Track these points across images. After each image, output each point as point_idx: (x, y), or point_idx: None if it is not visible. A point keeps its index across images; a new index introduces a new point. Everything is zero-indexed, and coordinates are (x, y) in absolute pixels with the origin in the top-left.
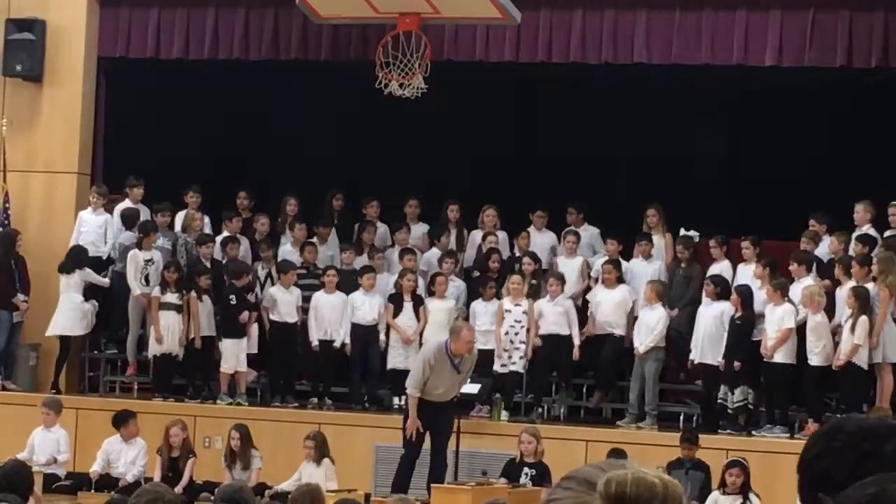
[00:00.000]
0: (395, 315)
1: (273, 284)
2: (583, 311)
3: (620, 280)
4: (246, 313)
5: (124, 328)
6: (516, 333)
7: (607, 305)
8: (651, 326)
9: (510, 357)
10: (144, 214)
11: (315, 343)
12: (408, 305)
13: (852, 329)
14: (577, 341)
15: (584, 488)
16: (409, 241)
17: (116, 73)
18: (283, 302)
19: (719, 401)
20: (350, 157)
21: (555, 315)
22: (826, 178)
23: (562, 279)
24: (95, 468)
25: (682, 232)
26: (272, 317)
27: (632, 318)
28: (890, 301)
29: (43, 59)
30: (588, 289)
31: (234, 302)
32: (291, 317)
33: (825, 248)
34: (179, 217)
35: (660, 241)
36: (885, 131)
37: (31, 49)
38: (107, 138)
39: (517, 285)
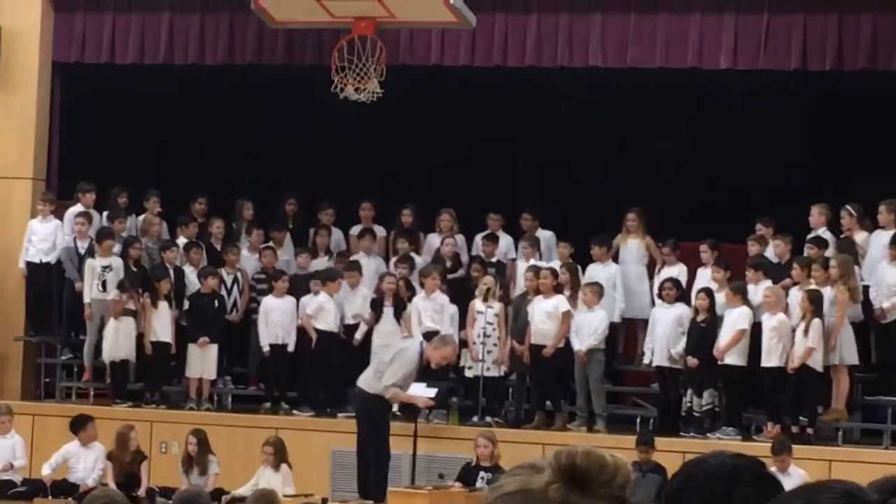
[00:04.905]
0: (377, 320)
1: (239, 290)
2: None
3: (559, 289)
4: (204, 339)
5: (76, 333)
6: (487, 336)
7: (538, 314)
8: (593, 328)
9: (484, 363)
10: (97, 220)
11: (266, 349)
12: (388, 311)
13: (805, 332)
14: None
15: (530, 471)
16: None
17: (71, 78)
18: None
19: (685, 404)
20: (305, 162)
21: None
22: (779, 180)
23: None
24: (47, 470)
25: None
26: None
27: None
28: (848, 304)
29: None
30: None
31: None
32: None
33: (772, 250)
34: (141, 221)
35: (640, 244)
36: (838, 135)
37: None
38: (62, 143)
39: (488, 286)
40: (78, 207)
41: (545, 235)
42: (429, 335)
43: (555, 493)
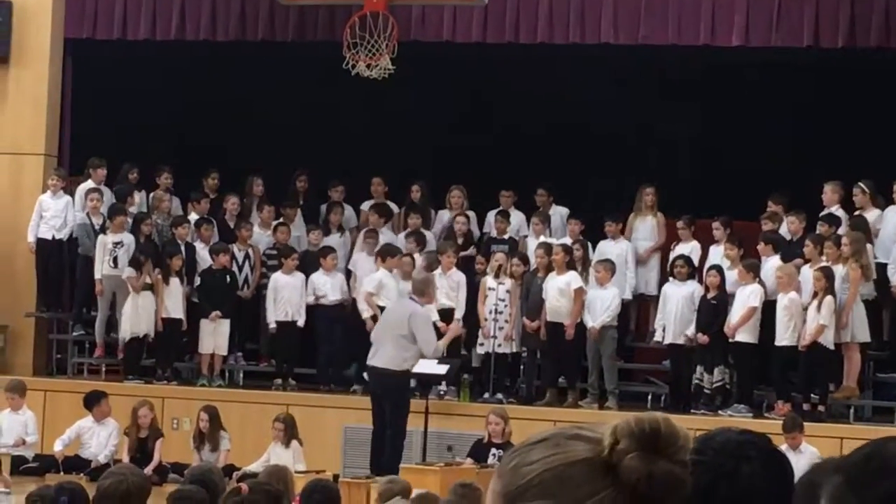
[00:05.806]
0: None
1: (251, 266)
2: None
3: (571, 265)
4: (216, 312)
5: (87, 309)
6: (499, 312)
7: (552, 291)
8: (605, 305)
9: (495, 339)
10: (109, 196)
11: (273, 325)
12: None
13: (818, 309)
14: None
15: (575, 441)
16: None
17: (83, 54)
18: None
19: (695, 381)
20: (316, 138)
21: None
22: (792, 158)
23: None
24: (59, 446)
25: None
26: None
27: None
28: (860, 281)
29: (9, 41)
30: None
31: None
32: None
33: (787, 227)
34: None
35: (652, 220)
36: (851, 112)
37: None
38: (73, 119)
39: (500, 263)
40: (89, 183)
41: (561, 212)
42: (444, 312)
43: (634, 462)
